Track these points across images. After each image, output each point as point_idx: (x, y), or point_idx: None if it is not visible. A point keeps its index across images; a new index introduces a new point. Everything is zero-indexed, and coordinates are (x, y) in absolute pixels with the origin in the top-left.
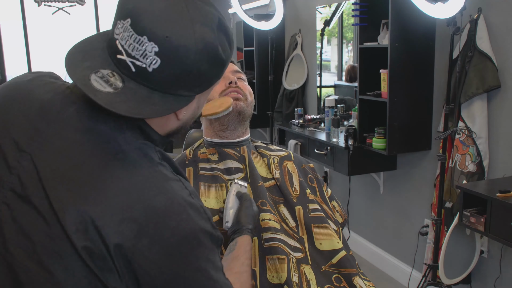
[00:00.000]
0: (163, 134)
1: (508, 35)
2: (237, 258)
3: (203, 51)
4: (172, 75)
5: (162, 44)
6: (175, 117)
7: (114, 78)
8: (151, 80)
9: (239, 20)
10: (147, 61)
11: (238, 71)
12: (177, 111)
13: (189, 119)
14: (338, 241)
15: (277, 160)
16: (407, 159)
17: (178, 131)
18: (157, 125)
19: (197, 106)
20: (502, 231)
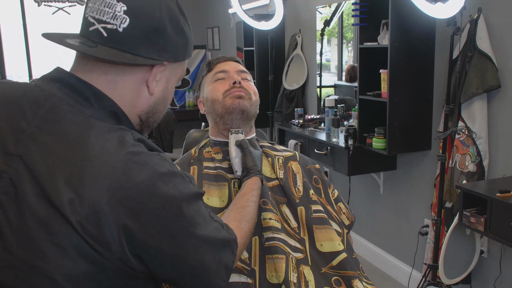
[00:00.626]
0: (136, 118)
1: (508, 35)
2: (243, 195)
3: (166, 12)
4: (140, 33)
5: (129, 2)
6: (147, 91)
7: (88, 43)
8: (121, 41)
9: (239, 20)
10: (117, 21)
11: (244, 71)
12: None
13: (160, 100)
14: (339, 243)
15: (282, 160)
16: (407, 159)
17: (149, 114)
18: (130, 100)
19: (166, 86)
20: (502, 231)
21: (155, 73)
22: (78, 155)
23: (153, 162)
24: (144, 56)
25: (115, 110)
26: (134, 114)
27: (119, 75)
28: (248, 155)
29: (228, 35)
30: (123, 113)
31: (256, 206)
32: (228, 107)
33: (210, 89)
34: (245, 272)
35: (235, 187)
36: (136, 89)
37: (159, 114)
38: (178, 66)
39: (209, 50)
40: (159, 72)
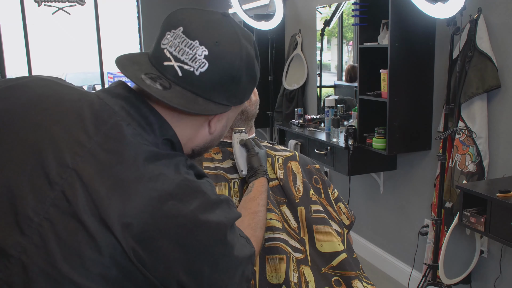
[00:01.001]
0: (189, 150)
1: (508, 35)
2: (254, 199)
3: (245, 61)
4: (217, 80)
5: (212, 48)
6: (208, 130)
7: (161, 81)
8: (195, 85)
9: (239, 20)
10: (196, 64)
11: None
12: (217, 114)
13: (217, 137)
14: (339, 243)
15: (282, 160)
16: (407, 159)
17: (203, 149)
18: (188, 137)
19: (226, 125)
20: (502, 231)
21: (219, 116)
22: (136, 179)
23: (206, 189)
24: (215, 101)
25: (173, 139)
26: (189, 147)
27: (184, 114)
28: (253, 154)
29: None
30: (179, 143)
31: (265, 210)
32: None
33: None
34: None
35: (235, 188)
36: (198, 127)
37: (211, 148)
38: (240, 106)
39: None
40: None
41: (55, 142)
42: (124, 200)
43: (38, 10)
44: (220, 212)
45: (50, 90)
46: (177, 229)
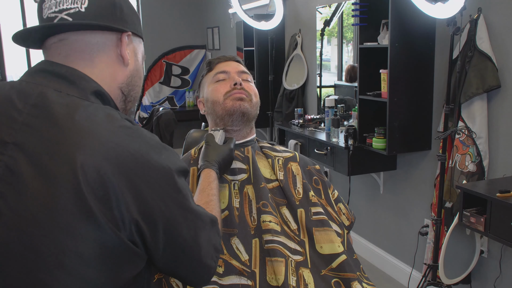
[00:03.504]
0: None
1: (508, 35)
2: (203, 190)
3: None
4: (101, 9)
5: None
6: (122, 63)
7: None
8: (86, 19)
9: (239, 20)
10: (78, 4)
11: (244, 71)
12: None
13: (134, 72)
14: (339, 245)
15: (282, 161)
16: (407, 159)
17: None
18: (109, 75)
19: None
20: (502, 231)
21: (124, 42)
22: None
23: (144, 135)
24: (109, 27)
25: (99, 90)
26: (116, 87)
27: (94, 52)
28: (205, 148)
29: (228, 35)
30: (107, 94)
31: (218, 199)
32: (228, 109)
33: (210, 89)
34: (245, 274)
35: (235, 189)
36: (112, 63)
37: (137, 88)
38: (139, 41)
39: (209, 50)
40: (127, 42)
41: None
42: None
43: None
44: (165, 156)
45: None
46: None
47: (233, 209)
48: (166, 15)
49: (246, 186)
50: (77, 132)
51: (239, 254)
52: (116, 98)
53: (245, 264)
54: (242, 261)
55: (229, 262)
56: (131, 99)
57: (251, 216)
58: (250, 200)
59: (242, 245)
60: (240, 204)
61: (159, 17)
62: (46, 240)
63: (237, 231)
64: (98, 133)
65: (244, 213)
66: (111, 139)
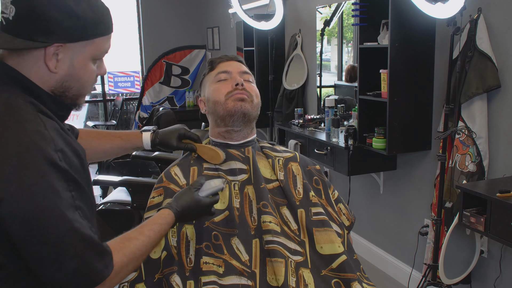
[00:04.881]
0: (50, 91)
1: (508, 35)
2: (140, 227)
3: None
4: (25, 20)
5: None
6: (47, 69)
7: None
8: (13, 28)
9: (239, 20)
10: (8, 11)
11: (246, 71)
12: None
13: (67, 77)
14: (339, 245)
15: (282, 162)
16: (407, 159)
17: (62, 90)
18: (36, 78)
19: (71, 64)
20: (502, 231)
21: (49, 54)
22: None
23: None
24: (33, 39)
25: (16, 76)
26: (47, 89)
27: (20, 56)
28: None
29: (228, 35)
30: (29, 80)
31: (149, 242)
32: (230, 109)
33: (212, 89)
34: (246, 274)
35: (235, 189)
36: (37, 68)
37: (75, 90)
38: (83, 45)
39: (209, 50)
40: (59, 52)
41: None
42: None
43: None
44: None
45: None
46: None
47: (234, 209)
48: (166, 15)
49: (247, 187)
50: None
51: (240, 254)
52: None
53: (245, 264)
54: (242, 261)
55: (229, 262)
56: (67, 98)
57: (251, 216)
58: (251, 200)
59: (242, 245)
60: (241, 205)
61: (159, 17)
62: None
63: (237, 231)
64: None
65: (244, 214)
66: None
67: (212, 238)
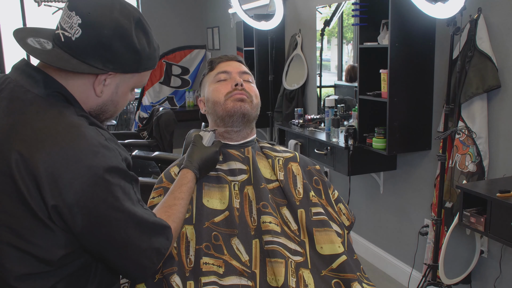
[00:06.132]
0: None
1: (508, 35)
2: (172, 192)
3: (115, 31)
4: (89, 45)
5: (84, 17)
6: (94, 92)
7: (46, 44)
8: (73, 49)
9: (239, 20)
10: (72, 31)
11: (246, 72)
12: (87, 73)
13: (108, 102)
14: (339, 245)
15: (282, 162)
16: (407, 159)
17: (99, 112)
18: (80, 98)
19: (116, 91)
20: (502, 231)
21: (100, 79)
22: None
23: (86, 134)
24: (90, 64)
25: (62, 92)
26: (86, 109)
27: (69, 75)
28: (191, 148)
29: (228, 35)
30: (72, 97)
31: (185, 203)
32: (229, 110)
33: (211, 89)
34: (246, 274)
35: (235, 190)
36: (84, 89)
37: (109, 113)
38: (131, 76)
39: (209, 50)
40: (108, 78)
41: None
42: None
43: (38, 10)
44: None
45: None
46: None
47: (234, 209)
48: (166, 15)
49: (246, 187)
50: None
51: (240, 255)
52: None
53: (245, 264)
54: (242, 262)
55: (230, 262)
56: (103, 118)
57: (251, 216)
58: (250, 200)
59: (242, 246)
60: (241, 205)
61: (159, 17)
62: None
63: (237, 232)
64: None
65: (244, 214)
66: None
67: (212, 239)
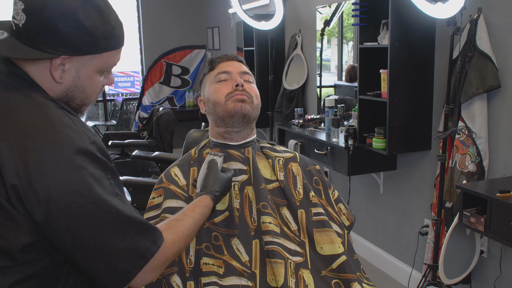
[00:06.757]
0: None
1: (508, 35)
2: (184, 210)
3: (58, 11)
4: (34, 30)
5: (26, 2)
6: (52, 78)
7: (1, 34)
8: (22, 35)
9: (239, 20)
10: (19, 18)
11: (246, 72)
12: (38, 59)
13: (72, 87)
14: (339, 245)
15: (282, 162)
16: (407, 159)
17: (67, 99)
18: (44, 86)
19: (78, 76)
20: (502, 231)
21: (55, 64)
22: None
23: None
24: (41, 49)
25: (24, 77)
26: (53, 96)
27: (26, 63)
28: (209, 175)
29: (228, 35)
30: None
31: (194, 222)
32: (230, 110)
33: (212, 90)
34: (246, 275)
35: (235, 190)
36: (42, 75)
37: (79, 100)
38: (90, 58)
39: (209, 50)
40: (66, 63)
41: None
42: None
43: None
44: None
45: None
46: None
47: (234, 210)
48: (166, 15)
49: (246, 187)
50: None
51: (240, 255)
52: None
53: (245, 265)
54: (242, 262)
55: (230, 263)
56: (74, 105)
57: (251, 217)
58: (250, 201)
59: (242, 246)
60: (241, 205)
61: (159, 17)
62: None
63: (237, 232)
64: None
65: (244, 214)
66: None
67: (212, 239)
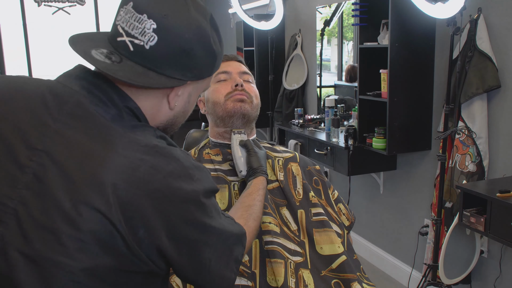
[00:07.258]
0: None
1: (508, 35)
2: (250, 194)
3: (196, 33)
4: (167, 53)
5: (160, 21)
6: (167, 106)
7: (113, 56)
8: (147, 58)
9: (239, 20)
10: (145, 38)
11: (246, 72)
12: (168, 87)
13: (180, 113)
14: (339, 245)
15: (282, 162)
16: (407, 159)
17: (168, 126)
18: (150, 113)
19: (188, 101)
20: (502, 231)
21: (177, 91)
22: (106, 150)
23: (178, 155)
24: (167, 75)
25: (136, 111)
26: (153, 125)
27: (140, 90)
28: (253, 155)
29: (228, 35)
30: (143, 116)
31: (262, 205)
32: (229, 110)
33: (211, 90)
34: (245, 275)
35: (235, 190)
36: (157, 103)
37: (177, 125)
38: (202, 81)
39: None
40: (181, 88)
41: (20, 128)
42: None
43: (38, 10)
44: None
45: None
46: (152, 194)
47: None
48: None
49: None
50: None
51: None
52: None
53: (245, 264)
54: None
55: None
56: (169, 131)
57: None
58: None
59: None
60: None
61: None
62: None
63: None
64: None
65: None
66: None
67: None
